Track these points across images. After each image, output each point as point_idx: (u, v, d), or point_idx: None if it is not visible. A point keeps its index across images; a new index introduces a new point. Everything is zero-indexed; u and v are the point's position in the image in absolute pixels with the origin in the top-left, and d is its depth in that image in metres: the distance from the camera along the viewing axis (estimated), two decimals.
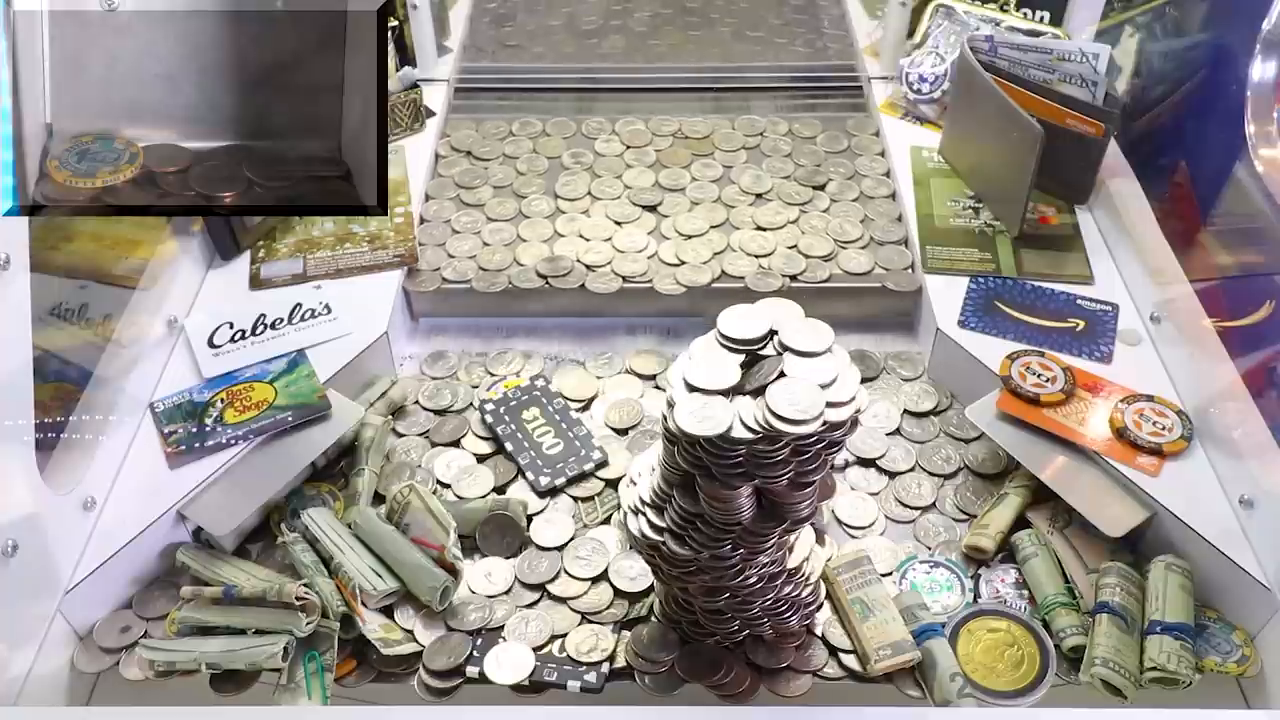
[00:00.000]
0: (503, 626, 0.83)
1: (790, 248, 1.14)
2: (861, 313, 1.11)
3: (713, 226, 1.17)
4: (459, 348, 1.10)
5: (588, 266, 1.11)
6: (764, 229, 1.16)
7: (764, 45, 1.44)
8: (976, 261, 1.09)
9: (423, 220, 1.19)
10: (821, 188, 1.22)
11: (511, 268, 1.12)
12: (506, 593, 0.86)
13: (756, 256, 1.13)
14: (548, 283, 1.10)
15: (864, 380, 0.64)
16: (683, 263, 1.12)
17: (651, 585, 0.85)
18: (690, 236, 1.15)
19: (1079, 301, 1.05)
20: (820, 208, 1.19)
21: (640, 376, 1.05)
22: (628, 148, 1.29)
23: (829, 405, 0.63)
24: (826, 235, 1.15)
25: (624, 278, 1.10)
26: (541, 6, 1.52)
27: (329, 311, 1.03)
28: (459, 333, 1.12)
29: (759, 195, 1.21)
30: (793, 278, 1.10)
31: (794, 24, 1.46)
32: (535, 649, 0.82)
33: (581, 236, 1.16)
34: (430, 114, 1.32)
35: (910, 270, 1.11)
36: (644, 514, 0.73)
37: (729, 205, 1.20)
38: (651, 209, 1.20)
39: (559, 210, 1.20)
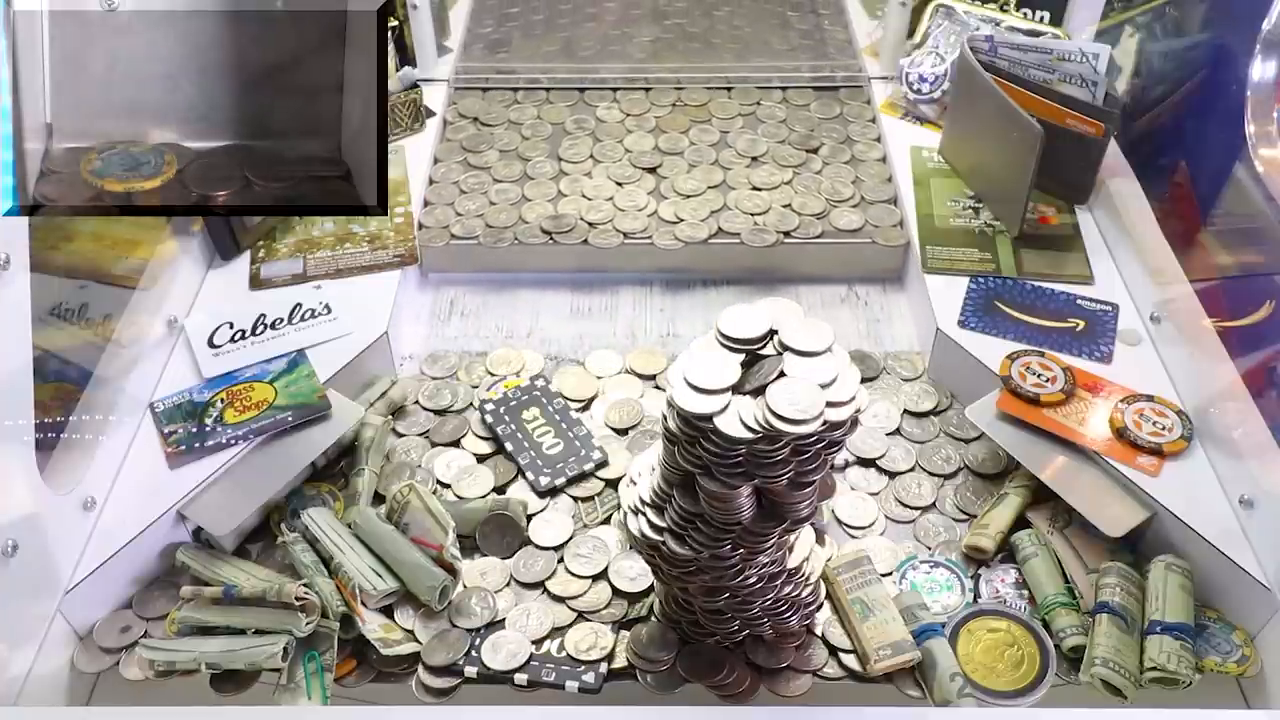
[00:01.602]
0: (504, 620, 0.84)
1: (784, 206, 1.18)
2: (852, 267, 1.17)
3: (710, 187, 1.21)
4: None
5: (590, 224, 1.16)
6: (759, 189, 1.21)
7: (770, 72, 1.40)
8: (976, 261, 1.09)
9: (431, 181, 1.23)
10: (814, 151, 1.27)
11: (517, 224, 1.17)
12: (498, 592, 0.86)
13: (752, 214, 1.17)
14: (551, 238, 1.15)
15: (864, 380, 0.64)
16: (681, 220, 1.17)
17: (651, 585, 0.85)
18: (688, 196, 1.20)
19: (1079, 301, 1.05)
20: (813, 169, 1.24)
21: (640, 376, 1.05)
22: (628, 115, 1.33)
23: (829, 405, 0.63)
24: (819, 195, 1.20)
25: (625, 234, 1.15)
26: (539, 32, 1.49)
27: (329, 311, 1.04)
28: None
29: (754, 158, 1.26)
30: (786, 234, 1.15)
31: (800, 49, 1.45)
32: (535, 642, 0.82)
33: (584, 196, 1.20)
34: (430, 114, 1.32)
35: (899, 227, 1.16)
36: (644, 514, 0.73)
37: (725, 167, 1.24)
38: (651, 171, 1.24)
39: (562, 172, 1.25)
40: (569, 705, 0.80)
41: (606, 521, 0.91)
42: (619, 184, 1.22)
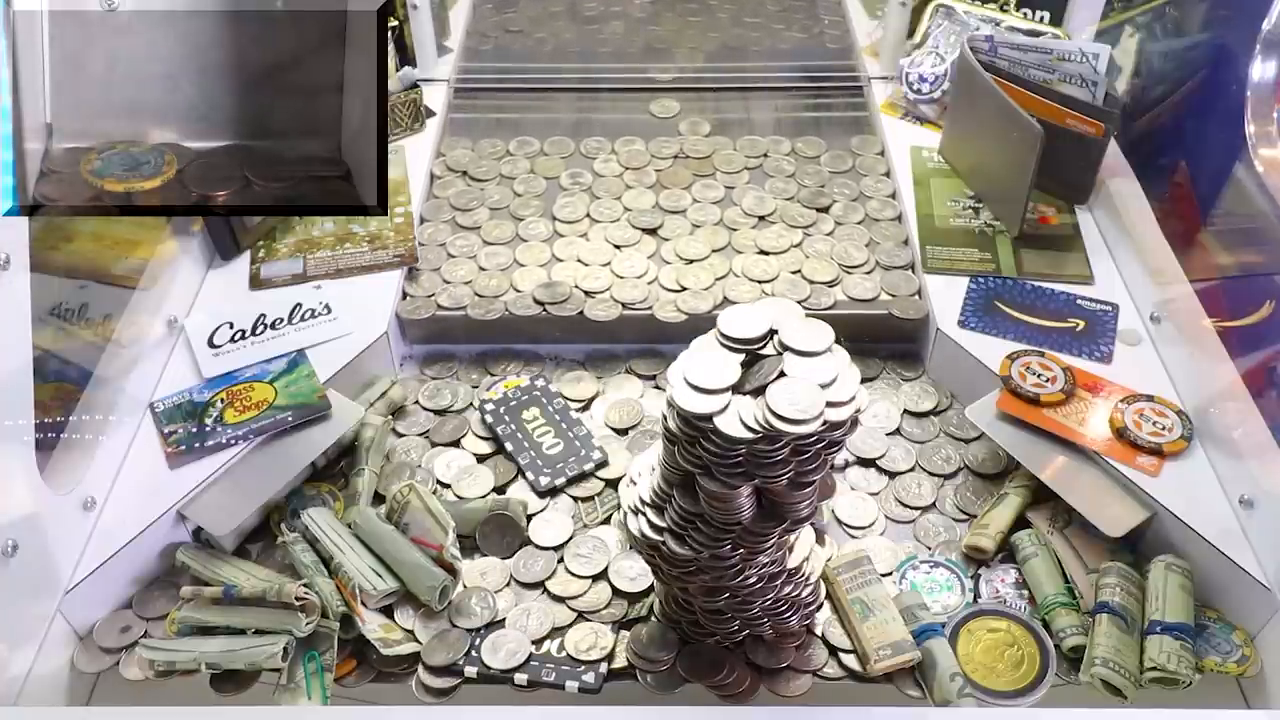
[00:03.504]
0: (504, 620, 0.84)
1: (794, 272, 1.11)
2: (865, 341, 1.07)
3: (714, 250, 1.13)
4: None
5: (586, 293, 1.08)
6: (767, 253, 1.13)
7: (762, 31, 1.45)
8: (976, 261, 1.09)
9: (419, 244, 1.15)
10: (825, 210, 1.19)
11: (508, 294, 1.09)
12: (498, 592, 0.86)
13: (759, 282, 1.09)
14: (545, 310, 1.06)
15: (864, 380, 0.64)
16: (684, 288, 1.08)
17: (651, 585, 0.85)
18: (691, 261, 1.12)
19: (1079, 301, 1.05)
20: (824, 230, 1.16)
21: (640, 376, 1.05)
22: (626, 169, 1.26)
23: (829, 405, 0.63)
24: (831, 260, 1.12)
25: (624, 304, 1.07)
26: (539, 15, 1.52)
27: (329, 311, 1.03)
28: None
29: (761, 218, 1.18)
30: (797, 304, 1.07)
31: (791, 9, 1.48)
32: (535, 642, 0.82)
33: (580, 261, 1.12)
34: (430, 114, 1.32)
35: (917, 296, 1.08)
36: (644, 514, 0.73)
37: (731, 228, 1.17)
38: (651, 232, 1.16)
39: (557, 233, 1.17)
40: (569, 705, 0.80)
41: (606, 521, 0.91)
42: (617, 247, 1.14)
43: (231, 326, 1.01)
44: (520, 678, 0.80)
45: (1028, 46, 1.15)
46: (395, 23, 1.28)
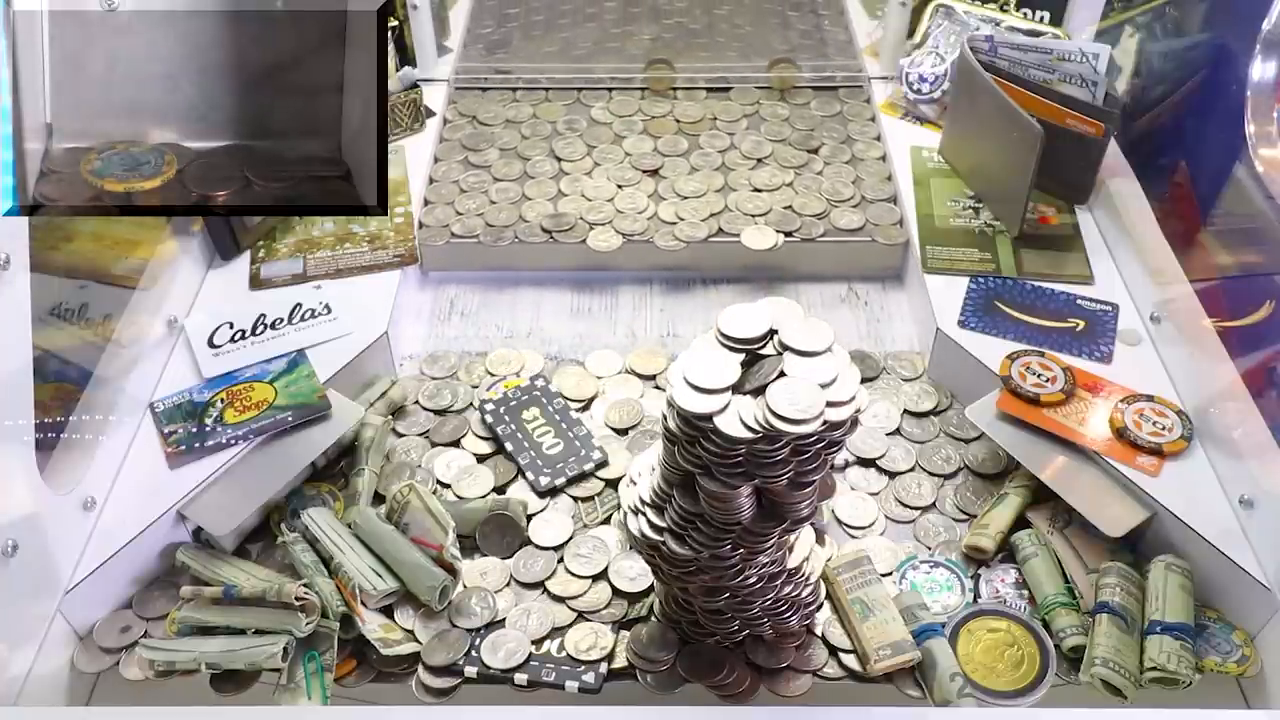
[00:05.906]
0: (504, 620, 0.84)
1: (785, 207, 1.19)
2: (852, 266, 1.18)
3: (714, 190, 1.21)
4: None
5: (590, 224, 1.17)
6: (760, 190, 1.21)
7: (767, 72, 1.42)
8: (976, 261, 1.09)
9: (431, 180, 1.24)
10: (815, 151, 1.28)
11: (517, 224, 1.17)
12: (498, 592, 0.86)
13: (753, 216, 1.18)
14: (552, 238, 1.15)
15: (864, 380, 0.64)
16: (681, 220, 1.17)
17: (651, 585, 0.85)
18: (688, 197, 1.20)
19: (1079, 301, 1.05)
20: (814, 170, 1.25)
21: (640, 376, 1.05)
22: (618, 117, 1.34)
23: (829, 405, 0.63)
24: (820, 195, 1.20)
25: (625, 235, 1.16)
26: (538, 32, 1.49)
27: (329, 311, 1.04)
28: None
29: (758, 160, 1.26)
30: (787, 234, 1.15)
31: (801, 49, 1.45)
32: (535, 642, 0.82)
33: (584, 196, 1.21)
34: (430, 114, 1.32)
35: (899, 225, 1.16)
36: (644, 514, 0.73)
37: (730, 168, 1.25)
38: (652, 173, 1.24)
39: (562, 172, 1.25)
40: (569, 705, 0.80)
41: (606, 521, 0.91)
42: (619, 186, 1.22)
43: (231, 326, 1.01)
44: (520, 678, 0.80)
45: (1028, 46, 1.15)
46: (395, 23, 1.27)
